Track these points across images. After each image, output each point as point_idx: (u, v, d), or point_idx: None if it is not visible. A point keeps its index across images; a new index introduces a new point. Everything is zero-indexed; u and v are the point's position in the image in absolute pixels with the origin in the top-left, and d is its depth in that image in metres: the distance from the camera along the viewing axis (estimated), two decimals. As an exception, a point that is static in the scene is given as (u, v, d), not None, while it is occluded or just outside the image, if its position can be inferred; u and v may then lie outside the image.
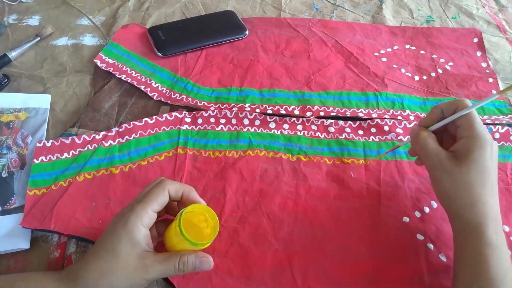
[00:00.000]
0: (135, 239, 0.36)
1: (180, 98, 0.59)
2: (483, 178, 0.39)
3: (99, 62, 0.63)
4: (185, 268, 0.38)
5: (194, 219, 0.42)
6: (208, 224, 0.41)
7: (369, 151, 0.53)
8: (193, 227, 0.41)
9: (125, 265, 0.36)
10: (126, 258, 0.36)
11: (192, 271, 0.39)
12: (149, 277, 0.37)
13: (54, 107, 0.58)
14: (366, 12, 0.76)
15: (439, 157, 0.41)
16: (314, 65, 0.64)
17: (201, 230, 0.41)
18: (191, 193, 0.41)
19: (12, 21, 0.72)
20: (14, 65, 0.64)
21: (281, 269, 0.44)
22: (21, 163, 0.51)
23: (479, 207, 0.39)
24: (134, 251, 0.36)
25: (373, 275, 0.43)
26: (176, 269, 0.38)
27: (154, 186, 0.39)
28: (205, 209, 0.41)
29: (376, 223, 0.47)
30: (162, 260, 0.37)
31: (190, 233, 0.38)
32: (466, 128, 0.40)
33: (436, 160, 0.41)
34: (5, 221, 0.46)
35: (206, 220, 0.41)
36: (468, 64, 0.65)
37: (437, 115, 0.43)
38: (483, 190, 0.39)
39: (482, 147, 0.39)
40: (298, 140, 0.54)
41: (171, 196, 0.40)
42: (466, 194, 0.39)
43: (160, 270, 0.37)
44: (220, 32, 0.67)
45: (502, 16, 0.75)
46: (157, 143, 0.53)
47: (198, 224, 0.42)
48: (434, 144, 0.42)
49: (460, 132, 0.41)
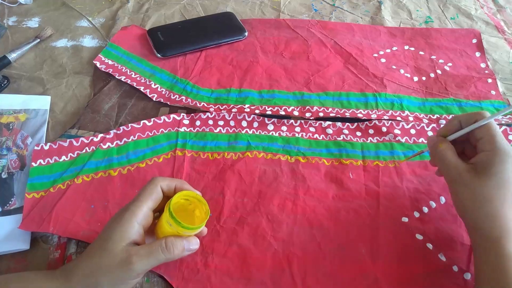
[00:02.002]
0: (125, 235, 0.36)
1: (180, 99, 0.59)
2: (503, 192, 0.39)
3: (98, 63, 0.63)
4: (174, 250, 0.37)
5: (183, 206, 0.41)
6: (199, 208, 0.40)
7: (367, 152, 0.53)
8: (184, 213, 0.40)
9: (111, 260, 0.35)
10: (113, 253, 0.36)
11: (181, 252, 0.38)
12: (134, 267, 0.35)
13: (54, 109, 0.58)
14: (365, 13, 0.76)
15: (458, 170, 0.41)
16: (313, 66, 0.64)
17: (191, 215, 0.41)
18: (184, 186, 0.41)
19: (12, 23, 0.72)
20: (14, 66, 0.64)
21: (281, 269, 0.44)
22: (21, 164, 0.51)
23: (499, 221, 0.38)
24: (121, 245, 0.36)
25: (373, 275, 0.43)
26: (164, 250, 0.36)
27: (146, 184, 0.40)
28: (193, 194, 0.40)
29: (375, 223, 0.47)
30: (146, 246, 0.37)
31: (181, 218, 0.37)
32: (487, 141, 0.40)
33: (455, 172, 0.41)
34: (5, 222, 0.46)
35: (195, 204, 0.40)
36: (467, 65, 0.65)
37: (454, 125, 0.43)
38: (503, 203, 0.38)
39: (503, 161, 0.39)
40: (297, 142, 0.55)
41: (164, 192, 0.40)
42: (485, 207, 0.39)
43: (144, 255, 0.36)
44: (219, 34, 0.68)
45: (501, 17, 0.75)
46: (155, 145, 0.53)
47: (188, 209, 0.41)
48: (453, 157, 0.42)
49: (481, 144, 0.41)
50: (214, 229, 0.46)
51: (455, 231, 0.46)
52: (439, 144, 0.43)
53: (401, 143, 0.54)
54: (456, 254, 0.45)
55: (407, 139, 0.55)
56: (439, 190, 0.50)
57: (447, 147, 0.42)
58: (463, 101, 0.60)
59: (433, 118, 0.57)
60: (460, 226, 0.47)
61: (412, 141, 0.55)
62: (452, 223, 0.47)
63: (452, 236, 0.46)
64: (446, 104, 0.60)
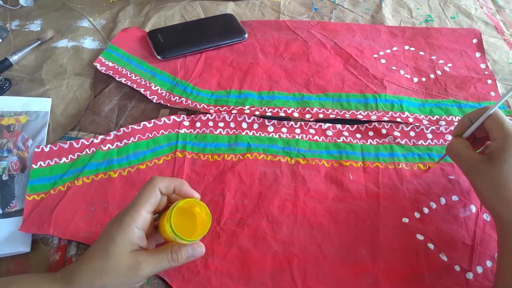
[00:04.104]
0: (128, 240, 0.37)
1: (180, 101, 0.59)
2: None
3: (99, 65, 0.63)
4: (179, 257, 0.38)
5: (186, 210, 0.41)
6: (201, 217, 0.40)
7: (367, 154, 0.54)
8: (185, 222, 0.40)
9: (117, 264, 0.36)
10: (119, 257, 0.36)
11: (186, 259, 0.39)
12: (142, 273, 0.36)
13: (55, 111, 0.59)
14: (366, 11, 0.76)
15: (472, 161, 0.42)
16: (313, 67, 0.65)
17: (193, 224, 0.41)
18: (183, 187, 0.41)
19: (14, 27, 0.72)
20: (16, 69, 0.65)
21: (281, 271, 0.44)
22: (21, 166, 0.51)
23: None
24: (127, 250, 0.36)
25: (373, 276, 0.43)
26: (170, 259, 0.38)
27: (145, 186, 0.39)
28: (196, 202, 0.40)
29: (375, 224, 0.47)
30: (154, 253, 0.38)
31: (182, 228, 0.37)
32: (495, 130, 0.41)
33: (469, 164, 0.42)
34: (5, 224, 0.46)
35: (197, 213, 0.40)
36: (467, 65, 0.65)
37: (465, 123, 0.45)
38: None
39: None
40: (297, 144, 0.55)
41: (162, 193, 0.40)
42: (502, 193, 0.39)
43: (152, 263, 0.37)
44: (219, 35, 0.68)
45: (500, 17, 0.75)
46: (155, 146, 0.53)
47: (190, 212, 0.41)
48: (466, 149, 0.43)
49: (491, 134, 0.42)
50: (214, 231, 0.46)
51: (456, 231, 0.47)
52: (452, 140, 0.45)
53: (401, 145, 0.54)
54: (458, 254, 0.45)
55: (406, 141, 0.55)
56: (439, 192, 0.50)
57: (460, 142, 0.44)
58: (463, 102, 0.60)
59: (433, 119, 0.57)
60: (461, 226, 0.47)
61: (411, 143, 0.55)
62: (453, 223, 0.47)
63: (453, 236, 0.46)
64: (445, 105, 0.59)
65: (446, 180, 0.51)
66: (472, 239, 0.46)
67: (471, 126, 0.44)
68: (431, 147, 0.54)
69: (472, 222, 0.47)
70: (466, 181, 0.51)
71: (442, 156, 0.51)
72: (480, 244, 0.45)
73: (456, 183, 0.51)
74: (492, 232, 0.46)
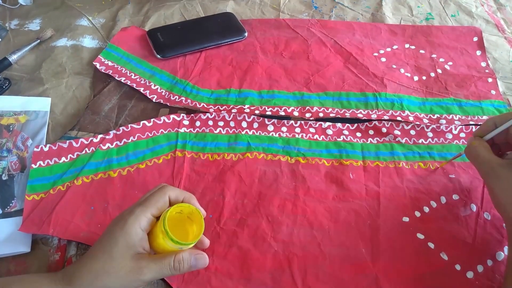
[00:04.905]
0: (131, 242, 0.36)
1: (180, 100, 0.59)
2: None
3: (98, 64, 0.63)
4: (181, 267, 0.38)
5: (177, 219, 0.40)
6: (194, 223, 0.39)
7: (368, 153, 0.53)
8: (178, 227, 0.40)
9: (120, 266, 0.36)
10: (121, 260, 0.36)
11: (188, 269, 0.39)
12: (144, 278, 0.37)
13: (54, 110, 0.58)
14: (366, 9, 0.76)
15: (490, 164, 0.41)
16: (313, 66, 0.64)
17: (186, 229, 0.40)
18: (191, 201, 0.41)
19: (14, 27, 0.72)
20: (15, 68, 0.64)
21: (281, 270, 0.44)
22: (21, 166, 0.51)
23: None
24: (129, 253, 0.36)
25: (373, 275, 0.43)
26: (172, 268, 0.37)
27: (155, 191, 0.39)
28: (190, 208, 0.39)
29: (376, 223, 0.47)
30: (157, 259, 0.37)
31: (175, 232, 0.37)
32: None
33: (488, 167, 0.42)
34: (5, 224, 0.46)
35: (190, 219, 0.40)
36: (467, 64, 0.65)
37: (489, 126, 0.44)
38: None
39: None
40: (297, 143, 0.54)
41: (171, 202, 0.40)
42: None
43: (155, 269, 0.37)
44: (219, 34, 0.68)
45: (501, 15, 0.75)
46: (155, 146, 0.53)
47: (182, 220, 0.40)
48: (485, 152, 0.43)
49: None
50: (214, 231, 0.46)
51: (457, 230, 0.46)
52: (472, 142, 0.44)
53: (401, 144, 0.54)
54: (458, 253, 0.45)
55: (407, 140, 0.55)
56: (440, 191, 0.50)
57: (480, 144, 0.44)
58: (463, 101, 0.60)
59: (433, 118, 0.57)
60: (461, 225, 0.47)
61: (412, 142, 0.55)
62: (453, 223, 0.47)
63: (454, 235, 0.46)
64: (446, 104, 0.59)
65: (447, 179, 0.51)
66: (473, 238, 0.46)
67: (495, 130, 0.44)
68: (432, 146, 0.54)
69: (472, 221, 0.47)
70: (467, 180, 0.51)
71: (457, 155, 0.51)
72: (481, 243, 0.45)
73: (457, 182, 0.51)
74: (493, 231, 0.46)
